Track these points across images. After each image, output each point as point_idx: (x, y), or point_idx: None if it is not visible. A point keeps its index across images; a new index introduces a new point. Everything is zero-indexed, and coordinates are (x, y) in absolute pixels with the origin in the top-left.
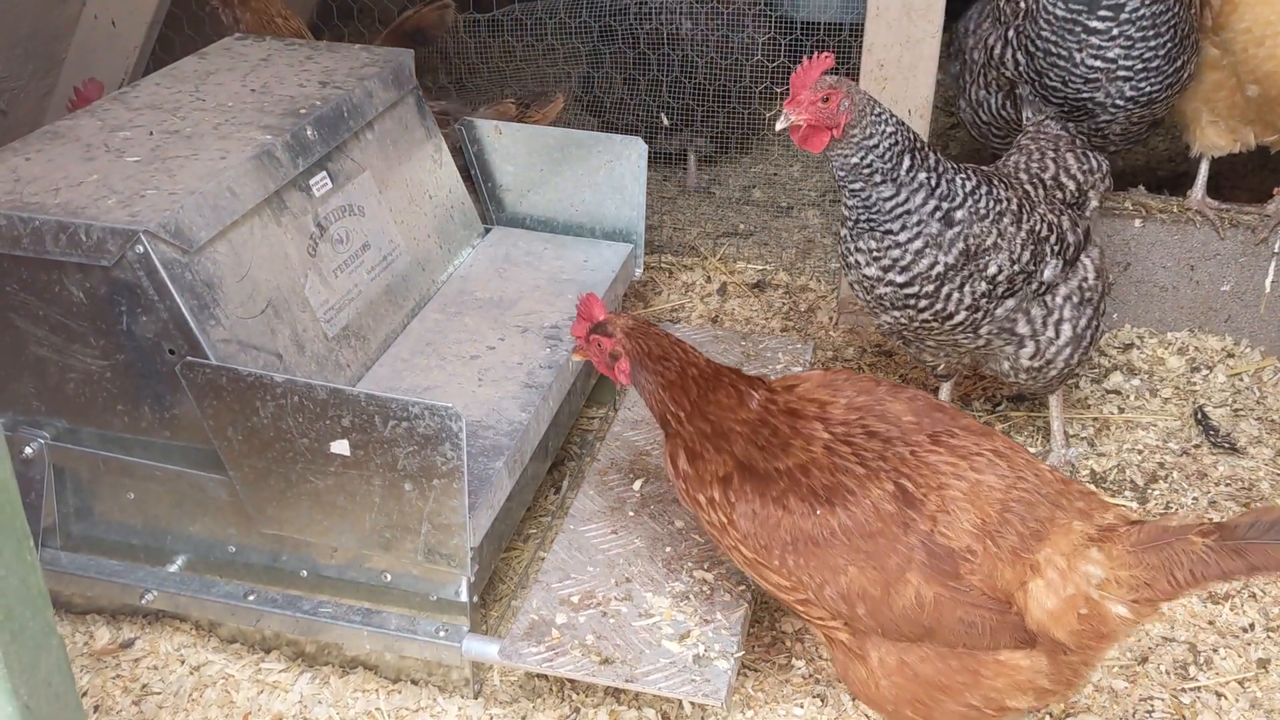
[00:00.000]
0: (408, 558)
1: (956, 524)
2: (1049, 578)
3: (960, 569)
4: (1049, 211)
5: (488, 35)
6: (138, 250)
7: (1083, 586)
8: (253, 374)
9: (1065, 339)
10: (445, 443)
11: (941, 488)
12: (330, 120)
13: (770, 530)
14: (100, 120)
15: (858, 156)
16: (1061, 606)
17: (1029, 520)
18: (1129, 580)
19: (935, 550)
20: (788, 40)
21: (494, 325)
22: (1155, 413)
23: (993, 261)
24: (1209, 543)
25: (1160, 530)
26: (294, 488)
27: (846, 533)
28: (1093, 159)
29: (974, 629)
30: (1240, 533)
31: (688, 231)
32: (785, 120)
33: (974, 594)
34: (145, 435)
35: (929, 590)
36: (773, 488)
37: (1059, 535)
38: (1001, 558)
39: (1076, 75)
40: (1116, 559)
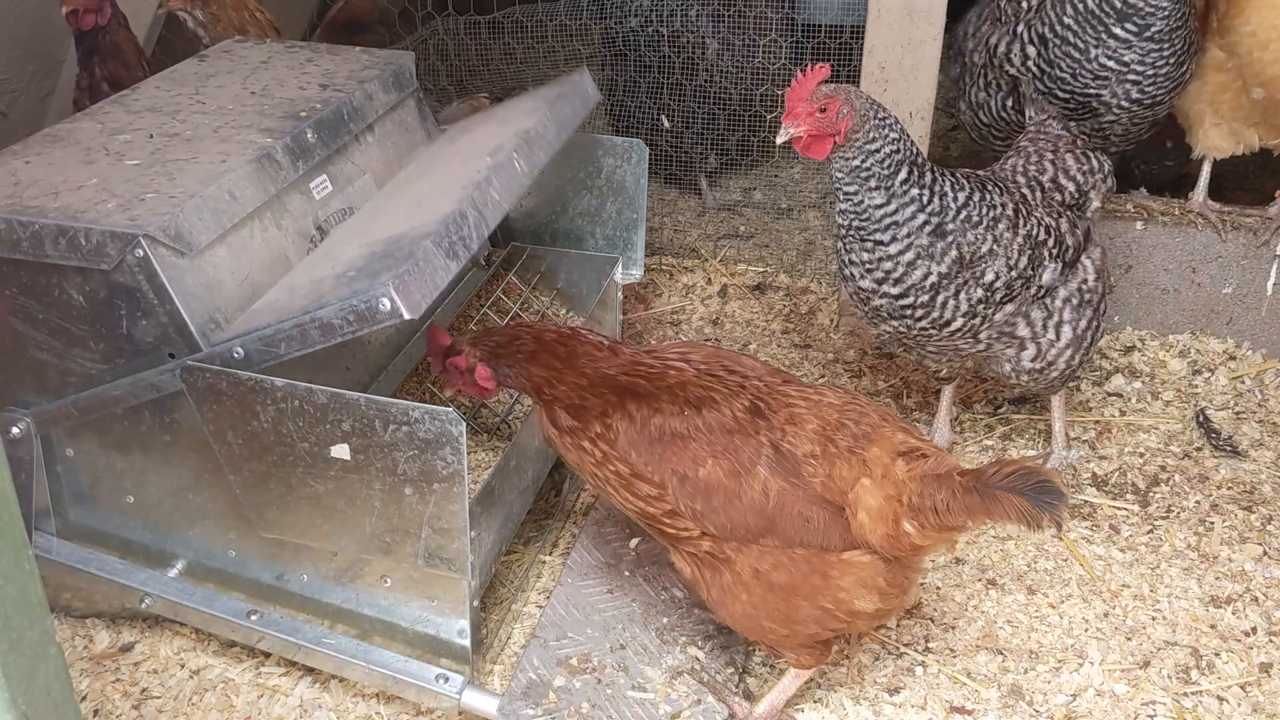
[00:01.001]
0: (408, 562)
1: (801, 434)
2: (875, 475)
3: (803, 471)
4: (1047, 214)
5: (488, 37)
6: (137, 254)
7: (893, 491)
8: (253, 378)
9: (1066, 340)
10: (445, 447)
11: (789, 407)
12: (331, 123)
13: (642, 430)
14: (100, 123)
15: (859, 159)
16: (880, 506)
17: (861, 424)
18: (909, 499)
19: (782, 451)
20: (789, 42)
21: None
22: (1157, 416)
23: (989, 268)
24: (963, 483)
25: (941, 463)
26: (294, 492)
27: (709, 428)
28: (1094, 159)
29: (810, 524)
30: (985, 479)
31: (688, 233)
32: (785, 134)
33: (812, 492)
34: (145, 437)
35: (775, 483)
36: (651, 401)
37: (884, 441)
38: (839, 456)
39: (1087, 70)
40: (908, 476)
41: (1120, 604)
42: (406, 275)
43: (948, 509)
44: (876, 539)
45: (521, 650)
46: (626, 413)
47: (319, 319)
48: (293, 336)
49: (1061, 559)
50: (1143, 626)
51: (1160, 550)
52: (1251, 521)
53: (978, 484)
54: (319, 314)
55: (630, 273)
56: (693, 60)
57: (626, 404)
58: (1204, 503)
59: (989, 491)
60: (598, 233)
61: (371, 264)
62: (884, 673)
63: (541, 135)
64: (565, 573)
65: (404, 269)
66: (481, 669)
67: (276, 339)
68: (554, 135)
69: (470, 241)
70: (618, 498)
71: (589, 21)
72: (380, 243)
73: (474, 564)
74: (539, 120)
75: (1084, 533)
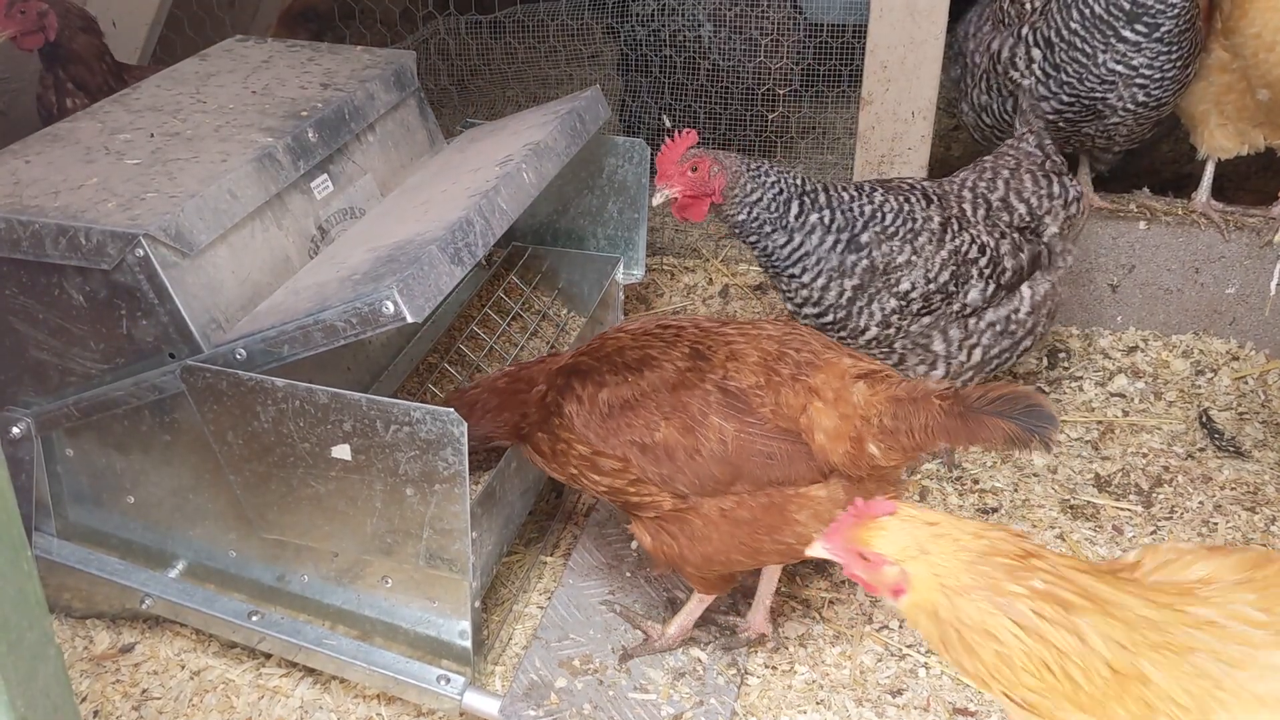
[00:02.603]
0: (409, 563)
1: (743, 366)
2: (826, 398)
3: (752, 403)
4: (986, 233)
5: (490, 37)
6: (138, 254)
7: (850, 410)
8: (253, 378)
9: (974, 362)
10: (447, 447)
11: (729, 344)
12: (332, 122)
13: (592, 408)
14: (101, 122)
15: (744, 213)
16: (837, 426)
17: (803, 351)
18: (878, 421)
19: (728, 390)
20: (791, 42)
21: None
22: (1160, 416)
23: (905, 278)
24: (944, 405)
25: (914, 387)
26: (295, 492)
27: (654, 389)
28: (1055, 184)
29: (774, 460)
30: (969, 402)
31: (689, 233)
32: (661, 196)
33: (768, 426)
34: (145, 438)
35: (729, 428)
36: (594, 375)
37: (831, 368)
38: (784, 384)
39: (1094, 75)
40: (875, 396)
41: None
42: (411, 279)
43: (926, 431)
44: (838, 458)
45: (523, 651)
46: (575, 395)
47: (322, 321)
48: (296, 338)
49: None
50: None
51: None
52: (1255, 522)
53: (961, 407)
54: (322, 316)
55: (631, 273)
56: (694, 58)
57: (573, 384)
58: (1207, 504)
59: (973, 415)
60: (599, 233)
61: (376, 268)
62: (886, 674)
63: (551, 148)
64: (567, 573)
65: (408, 272)
66: (483, 670)
67: (280, 340)
68: (564, 148)
69: (476, 248)
70: (587, 481)
71: (590, 21)
72: (386, 248)
73: (475, 565)
74: (549, 133)
75: (1087, 534)
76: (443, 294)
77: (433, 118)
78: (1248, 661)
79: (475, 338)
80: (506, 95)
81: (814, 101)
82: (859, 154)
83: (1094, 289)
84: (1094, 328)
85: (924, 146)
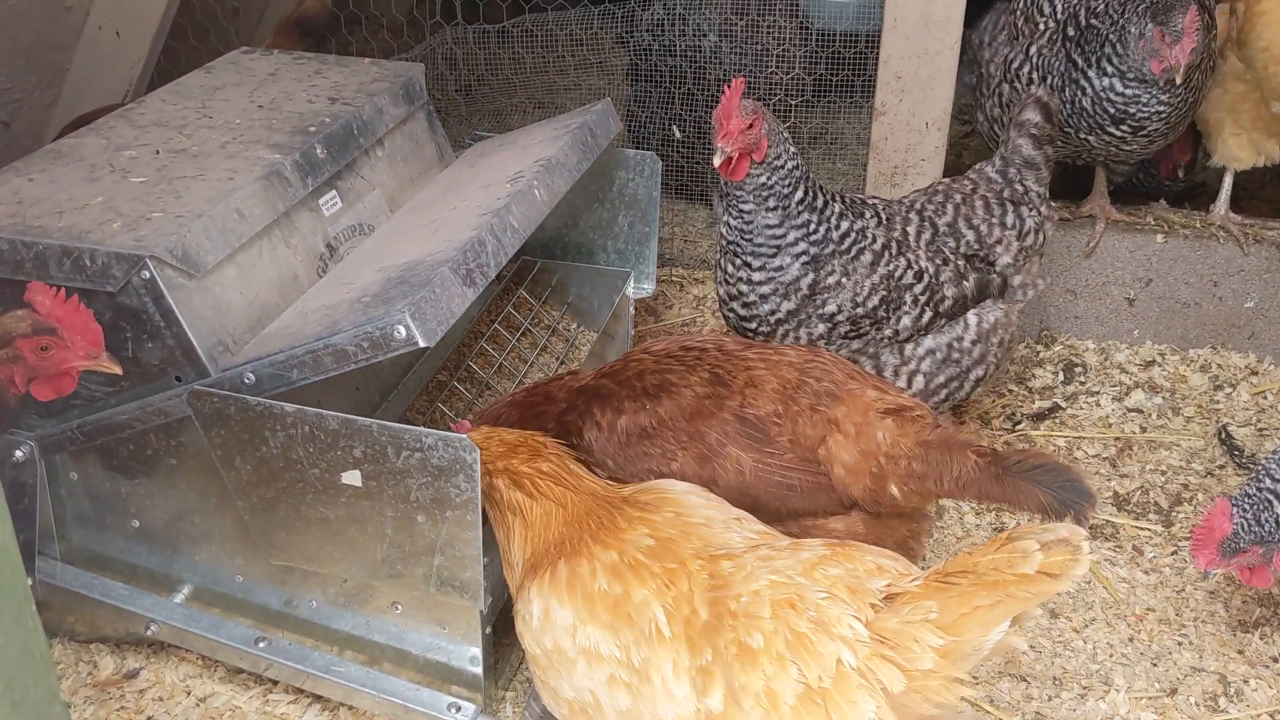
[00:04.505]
0: (419, 589)
1: (761, 393)
2: (847, 432)
3: (770, 432)
4: (926, 258)
5: (498, 46)
6: (144, 276)
7: (873, 447)
8: (262, 403)
9: (915, 390)
10: (459, 474)
11: (749, 369)
12: (340, 138)
13: (610, 435)
14: (105, 139)
15: (765, 175)
16: (857, 461)
17: (824, 381)
18: (906, 465)
19: (746, 418)
20: (804, 52)
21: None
22: (1178, 432)
23: (831, 300)
24: (980, 463)
25: (949, 436)
26: (304, 518)
27: (672, 418)
28: (1011, 213)
29: (794, 491)
30: (1008, 464)
31: (699, 244)
32: (721, 154)
33: (788, 457)
34: (150, 461)
35: (748, 459)
36: (614, 400)
37: (854, 400)
38: (802, 414)
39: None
40: (904, 437)
41: (1145, 628)
42: (423, 302)
43: (957, 484)
44: (857, 493)
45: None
46: (595, 420)
47: (332, 345)
48: (305, 363)
49: (1084, 581)
50: (1169, 652)
51: (1185, 573)
52: None
53: (998, 468)
54: (333, 340)
55: (642, 287)
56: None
57: (593, 409)
58: None
59: (1010, 478)
60: (609, 246)
61: (387, 290)
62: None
63: (562, 163)
64: None
65: (420, 295)
66: (494, 696)
67: (289, 364)
68: (575, 164)
69: (488, 269)
70: None
71: (600, 30)
72: (396, 269)
73: (487, 589)
74: (560, 148)
75: (1107, 554)
76: (455, 316)
77: (441, 131)
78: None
79: (484, 354)
80: (513, 103)
81: (825, 111)
82: (871, 165)
83: (1110, 302)
84: (1110, 342)
85: (938, 158)
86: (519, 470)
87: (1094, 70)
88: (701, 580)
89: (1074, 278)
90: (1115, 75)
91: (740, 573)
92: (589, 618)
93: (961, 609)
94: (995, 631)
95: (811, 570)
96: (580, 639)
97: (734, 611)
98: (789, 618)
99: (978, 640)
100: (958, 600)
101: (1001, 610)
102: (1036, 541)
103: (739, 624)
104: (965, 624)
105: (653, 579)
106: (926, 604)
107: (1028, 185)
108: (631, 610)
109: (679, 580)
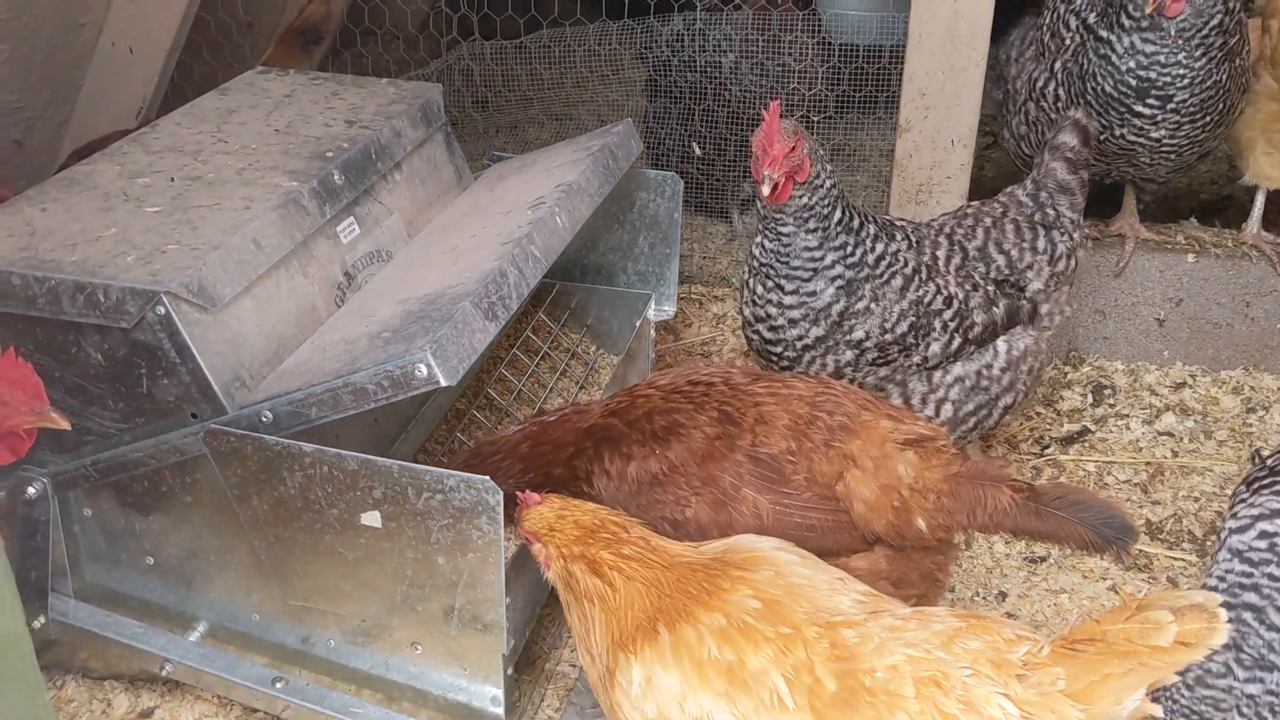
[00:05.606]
0: (439, 630)
1: (773, 430)
2: (864, 467)
3: (785, 470)
4: (955, 283)
5: (515, 62)
6: (159, 311)
7: (894, 481)
8: (280, 443)
9: (943, 419)
10: (481, 516)
11: (758, 405)
12: (358, 163)
13: (620, 483)
14: (119, 165)
15: (806, 196)
16: (878, 496)
17: (836, 414)
18: (934, 499)
19: (759, 458)
20: (825, 68)
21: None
22: (1210, 457)
23: (860, 325)
24: (1016, 498)
25: (982, 470)
26: (322, 558)
27: (683, 462)
28: (1043, 238)
29: (814, 531)
30: (1047, 500)
31: (718, 260)
32: (769, 181)
33: (804, 496)
34: (165, 498)
35: (764, 501)
36: (623, 444)
37: (869, 433)
38: (816, 450)
39: (1114, 141)
40: (930, 471)
41: None
42: (444, 339)
43: (991, 519)
44: (880, 529)
45: (556, 715)
46: (604, 468)
47: (352, 384)
48: (324, 401)
49: None
50: None
51: None
52: None
53: (1037, 504)
54: (352, 378)
55: (663, 309)
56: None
57: (602, 453)
58: None
59: (1048, 514)
60: (629, 268)
61: (407, 325)
62: None
63: (583, 188)
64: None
65: (441, 332)
66: None
67: (307, 403)
68: (596, 188)
69: (510, 301)
70: None
71: (618, 47)
72: (417, 301)
73: (510, 630)
74: (581, 172)
75: (1140, 585)
76: (477, 353)
77: (459, 152)
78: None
79: (504, 380)
80: (529, 115)
81: (847, 126)
82: (895, 182)
83: (1140, 323)
84: (1140, 363)
85: (964, 175)
86: (599, 558)
87: (1115, 31)
88: (821, 649)
89: (1103, 297)
90: (1134, 29)
91: (868, 644)
92: (700, 685)
93: (1091, 676)
94: (1130, 700)
95: (950, 644)
96: (690, 707)
97: (870, 688)
98: (935, 697)
99: (1111, 709)
100: (1086, 668)
101: (1134, 679)
102: (1170, 611)
103: (878, 701)
104: (1097, 692)
105: (767, 644)
106: (1054, 670)
107: (1060, 210)
108: (748, 678)
109: (795, 647)
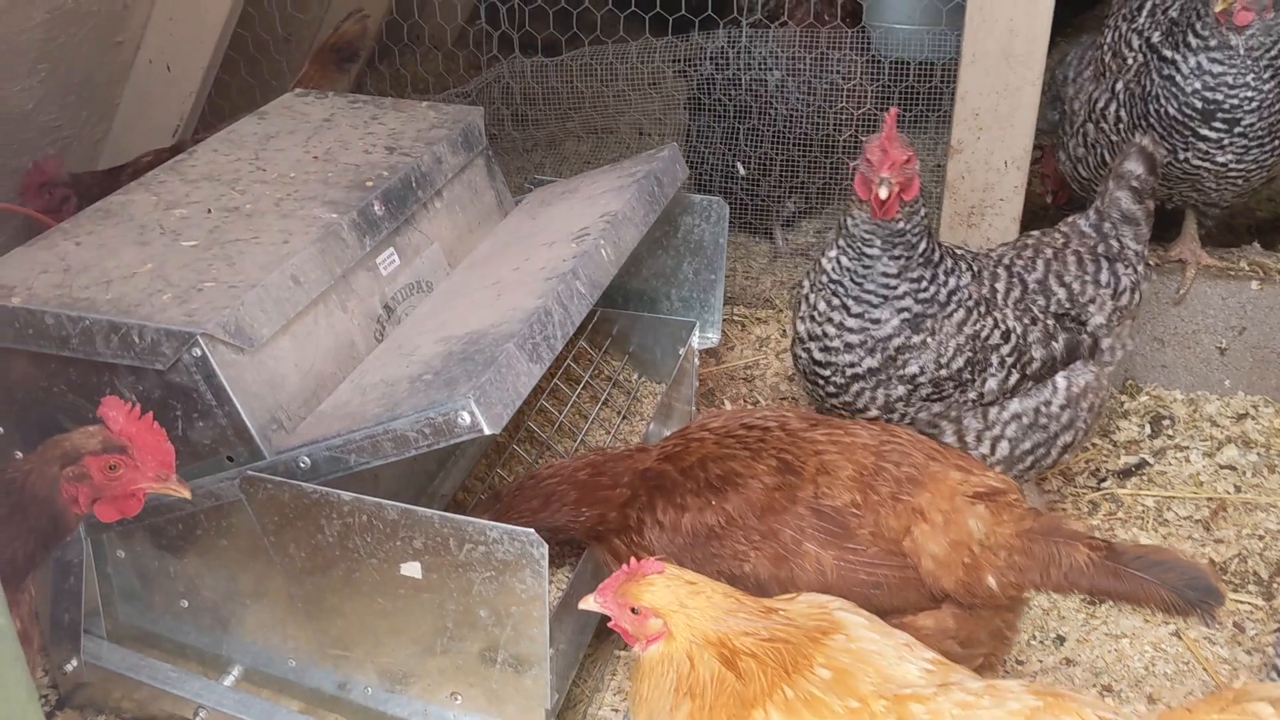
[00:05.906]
0: (480, 682)
1: (836, 481)
2: (934, 521)
3: (850, 524)
4: (1014, 317)
5: (557, 81)
6: (195, 353)
7: (964, 536)
8: (318, 491)
9: (999, 457)
10: (525, 569)
11: (819, 453)
12: (398, 192)
13: (674, 535)
14: (155, 195)
15: (903, 220)
16: (947, 553)
17: (903, 465)
18: (1006, 557)
19: (823, 511)
20: (875, 86)
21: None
22: (1275, 493)
23: (914, 360)
24: (1093, 557)
25: (1055, 527)
26: (360, 608)
27: (741, 515)
28: (1105, 270)
29: (880, 589)
30: (1125, 559)
31: (760, 281)
32: (887, 186)
33: (872, 552)
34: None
35: (828, 556)
36: (676, 493)
37: (938, 485)
38: (883, 504)
39: (1177, 167)
40: (1002, 528)
41: None
42: (488, 385)
43: (1067, 579)
44: (949, 586)
45: None
46: (656, 518)
47: (392, 431)
48: (364, 448)
49: (1182, 661)
50: None
51: None
52: None
53: (1115, 563)
54: (393, 425)
55: (707, 336)
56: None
57: (656, 502)
58: None
59: (1129, 574)
60: (673, 294)
61: (449, 367)
62: None
63: (629, 217)
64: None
65: (486, 378)
66: None
67: (347, 449)
68: (641, 217)
69: (555, 341)
70: None
71: (662, 65)
72: (459, 340)
73: (552, 684)
74: (626, 200)
75: (1205, 631)
76: (521, 398)
77: (500, 177)
78: None
79: (544, 411)
80: (567, 128)
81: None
82: (947, 204)
83: (1201, 351)
84: (1200, 392)
85: (1017, 197)
86: (738, 648)
87: (1180, 51)
88: None
89: (1162, 325)
90: (1201, 49)
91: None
92: None
93: None
94: None
95: None
96: None
97: None
98: None
99: None
100: None
101: None
102: (1269, 704)
103: None
104: None
105: (834, 719)
106: None
107: (1124, 241)
108: None
109: None
